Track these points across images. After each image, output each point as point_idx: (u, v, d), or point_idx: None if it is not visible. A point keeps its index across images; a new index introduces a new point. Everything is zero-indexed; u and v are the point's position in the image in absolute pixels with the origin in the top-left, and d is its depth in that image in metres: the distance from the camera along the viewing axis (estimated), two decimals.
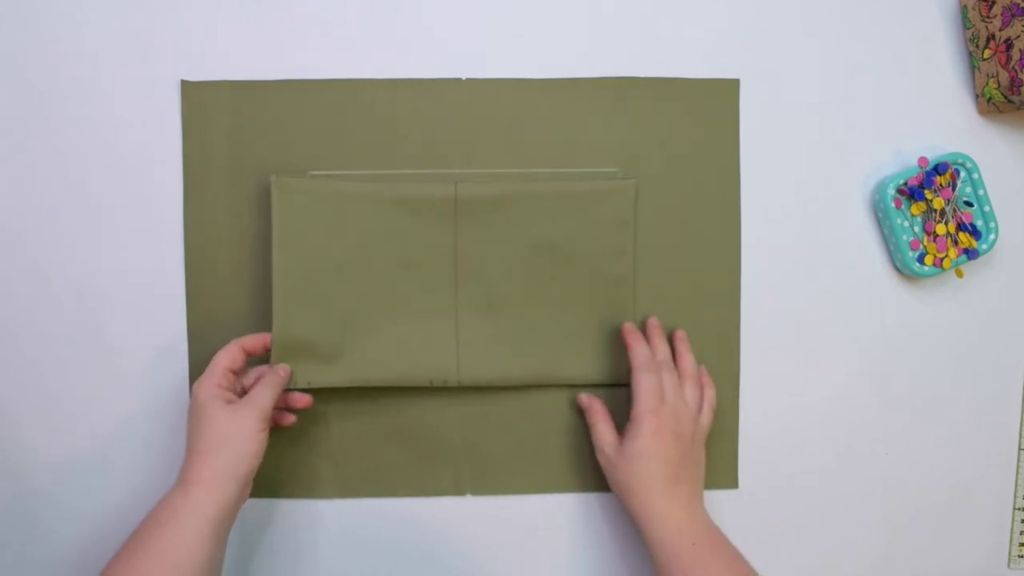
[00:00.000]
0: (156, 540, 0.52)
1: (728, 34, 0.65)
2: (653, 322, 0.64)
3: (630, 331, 0.62)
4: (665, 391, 0.59)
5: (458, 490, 0.65)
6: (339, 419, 0.64)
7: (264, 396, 0.57)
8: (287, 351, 0.61)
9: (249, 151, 0.64)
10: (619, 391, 0.64)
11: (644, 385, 0.59)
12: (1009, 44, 0.61)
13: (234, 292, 0.64)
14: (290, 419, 0.62)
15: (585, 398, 0.64)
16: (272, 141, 0.64)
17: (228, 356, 0.58)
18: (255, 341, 0.60)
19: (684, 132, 0.65)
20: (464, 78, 0.64)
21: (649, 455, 0.58)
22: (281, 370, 0.60)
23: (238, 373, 0.59)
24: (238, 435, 0.55)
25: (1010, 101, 0.62)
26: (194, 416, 0.56)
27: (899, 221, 0.64)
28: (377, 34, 0.64)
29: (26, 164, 0.63)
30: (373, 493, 0.65)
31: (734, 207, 0.65)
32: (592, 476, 0.65)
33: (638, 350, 0.60)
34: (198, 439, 0.55)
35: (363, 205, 0.62)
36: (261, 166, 0.64)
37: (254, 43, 0.64)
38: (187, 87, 0.63)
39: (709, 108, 0.65)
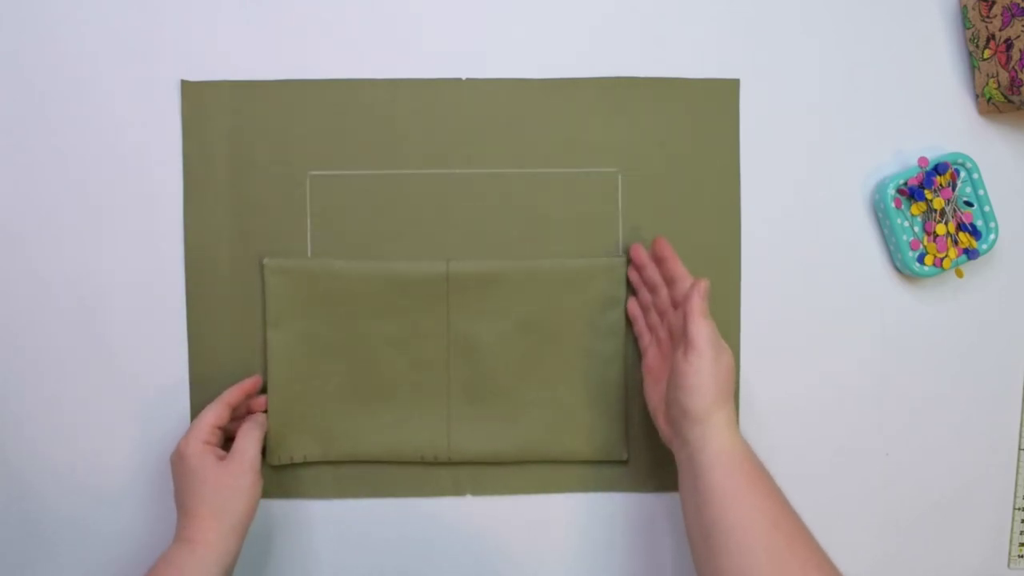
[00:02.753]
0: None
1: (728, 34, 0.65)
2: (663, 244, 0.62)
3: (646, 259, 0.63)
4: (714, 329, 0.57)
5: (458, 490, 0.65)
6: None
7: (252, 447, 0.58)
8: (281, 426, 0.63)
9: (249, 151, 0.64)
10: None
11: (703, 324, 0.55)
12: (1009, 44, 0.61)
13: (234, 292, 0.64)
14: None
15: (637, 307, 0.63)
16: (272, 141, 0.64)
17: (215, 414, 0.58)
18: (237, 394, 0.61)
19: (684, 132, 0.65)
20: (464, 78, 0.64)
21: (727, 361, 0.56)
22: (259, 416, 0.61)
23: (223, 428, 0.60)
24: (237, 494, 0.56)
25: (1010, 101, 0.62)
26: (186, 475, 0.56)
27: (899, 221, 0.64)
28: (377, 34, 0.64)
29: (26, 164, 0.63)
30: (373, 493, 0.65)
31: (734, 207, 0.65)
32: (592, 476, 0.65)
33: (682, 280, 0.59)
34: (193, 499, 0.55)
35: (355, 284, 0.63)
36: (261, 166, 0.64)
37: (254, 43, 0.64)
38: (187, 87, 0.63)
39: (709, 108, 0.65)
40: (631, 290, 0.65)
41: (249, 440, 0.58)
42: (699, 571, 0.53)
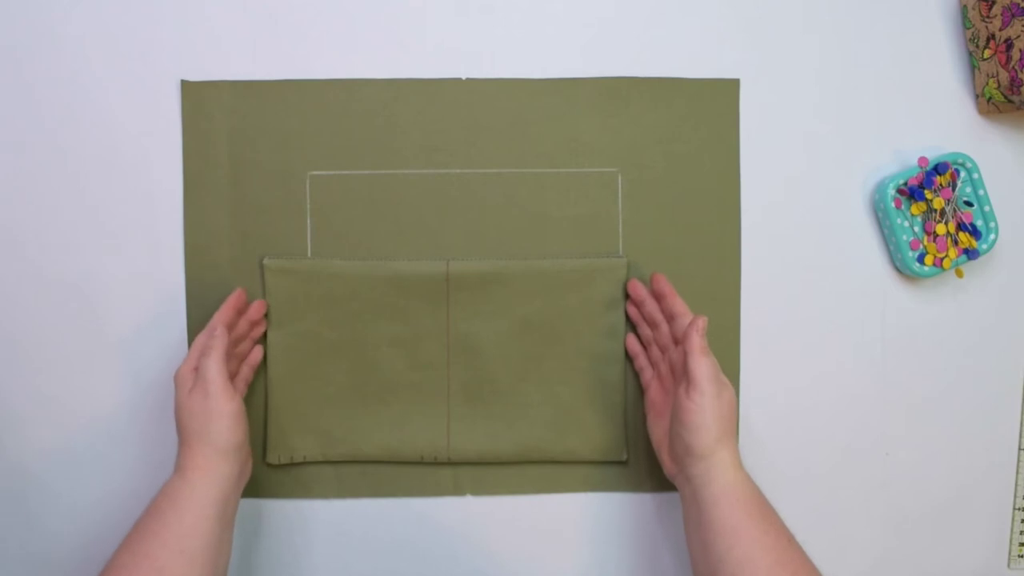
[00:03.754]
0: (160, 527, 0.52)
1: (728, 34, 0.65)
2: (661, 280, 0.62)
3: (646, 297, 0.63)
4: (716, 365, 0.57)
5: (458, 490, 0.65)
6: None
7: (209, 367, 0.55)
8: (281, 426, 0.63)
9: (249, 151, 0.64)
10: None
11: (703, 361, 0.56)
12: (1009, 44, 0.61)
13: None
14: (256, 355, 0.62)
15: (636, 343, 0.64)
16: (272, 141, 0.64)
17: (196, 349, 0.58)
18: (228, 313, 0.60)
19: (684, 132, 0.65)
20: (464, 78, 0.64)
21: (729, 398, 0.56)
22: (215, 328, 0.57)
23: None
24: (212, 418, 0.55)
25: (1010, 101, 0.62)
26: (175, 405, 0.57)
27: (899, 221, 0.64)
28: (377, 34, 0.64)
29: (27, 164, 0.63)
30: (373, 493, 0.65)
31: (734, 207, 0.65)
32: (592, 476, 0.65)
33: (682, 317, 0.60)
34: (180, 429, 0.56)
35: (355, 284, 0.63)
36: (261, 166, 0.64)
37: (254, 43, 0.64)
38: (187, 87, 0.63)
39: (709, 108, 0.65)
40: (631, 326, 0.65)
41: (205, 359, 0.56)
42: None
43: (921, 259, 0.64)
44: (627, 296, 0.64)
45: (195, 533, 0.52)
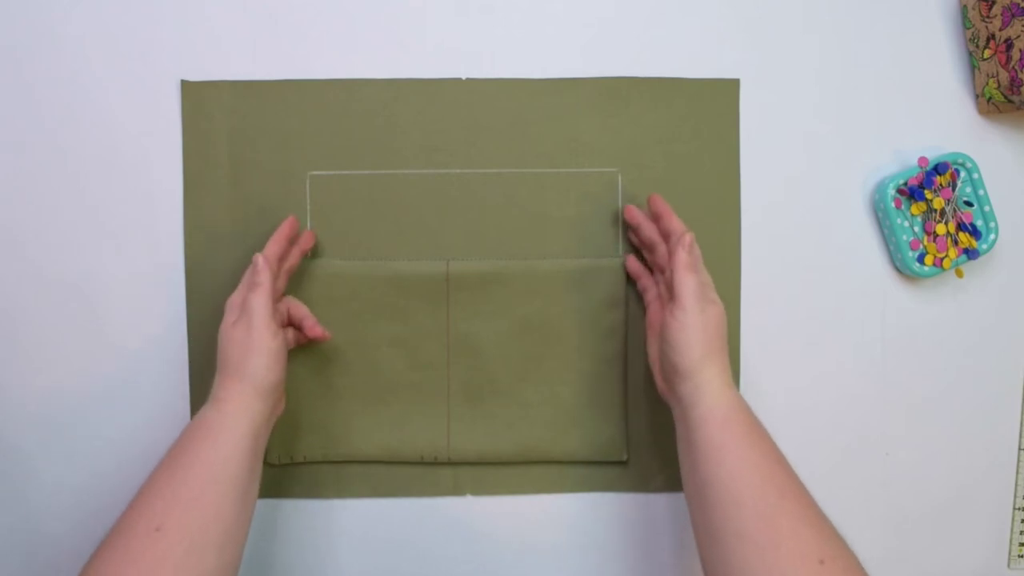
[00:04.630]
0: (194, 454, 0.52)
1: (728, 34, 0.65)
2: (658, 201, 0.61)
3: (642, 218, 0.62)
4: (705, 282, 0.57)
5: (458, 490, 0.65)
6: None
7: (255, 302, 0.56)
8: (282, 426, 0.62)
9: (249, 151, 0.64)
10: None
11: (689, 279, 0.55)
12: (1009, 44, 0.61)
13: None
14: (316, 331, 0.60)
15: (635, 262, 0.63)
16: (272, 141, 0.64)
17: (252, 272, 0.57)
18: (281, 244, 0.59)
19: (684, 132, 0.65)
20: (464, 78, 0.64)
21: (712, 328, 0.55)
22: (263, 262, 0.57)
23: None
24: (251, 353, 0.55)
25: (1010, 101, 0.62)
26: (220, 337, 0.56)
27: (899, 221, 0.64)
28: (377, 34, 0.64)
29: (26, 164, 0.63)
30: (373, 493, 0.65)
31: (734, 207, 0.65)
32: (592, 476, 0.65)
33: (675, 231, 0.59)
34: (221, 358, 0.56)
35: (355, 284, 0.63)
36: (261, 166, 0.64)
37: (254, 43, 0.64)
38: (187, 87, 0.63)
39: (709, 108, 0.65)
40: (631, 248, 0.64)
41: (255, 295, 0.56)
42: (694, 527, 0.53)
43: (921, 259, 0.64)
44: (627, 225, 0.64)
45: (227, 463, 0.52)
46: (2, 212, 0.63)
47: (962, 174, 0.64)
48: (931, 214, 0.64)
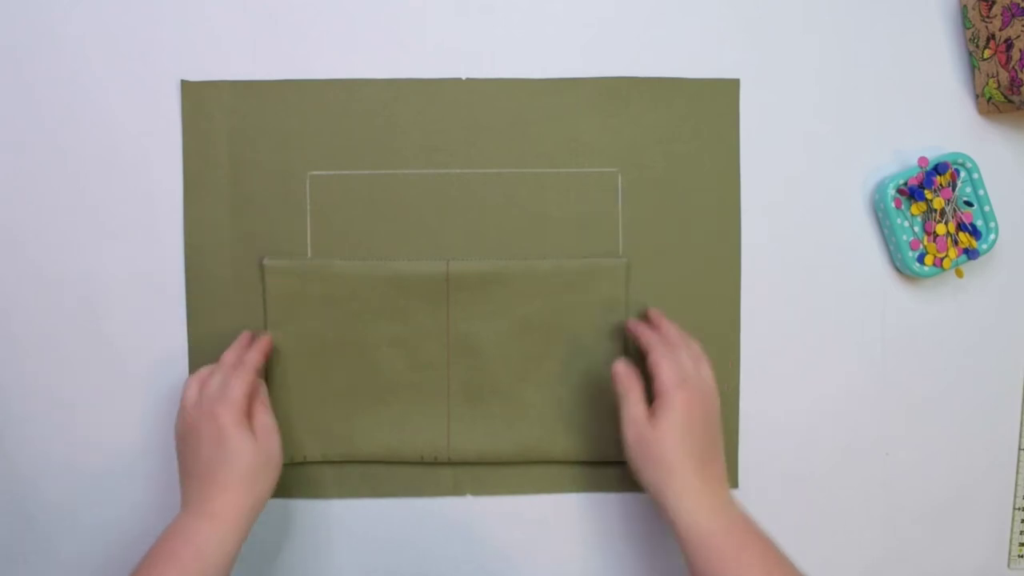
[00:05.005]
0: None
1: (728, 34, 0.65)
2: (654, 311, 0.63)
3: (634, 322, 0.62)
4: (685, 369, 0.57)
5: (458, 490, 0.65)
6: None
7: (272, 419, 0.57)
8: (281, 426, 0.62)
9: (249, 151, 0.64)
10: None
11: (664, 363, 0.56)
12: (1009, 44, 0.61)
13: (234, 292, 0.64)
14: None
15: (623, 365, 0.60)
16: (272, 141, 0.64)
17: (248, 384, 0.56)
18: (259, 359, 0.59)
19: (684, 132, 0.65)
20: (464, 78, 0.64)
21: (684, 429, 0.54)
22: (260, 383, 0.59)
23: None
24: (265, 470, 0.54)
25: (1010, 101, 0.62)
26: (214, 442, 0.54)
27: (899, 221, 0.64)
28: (377, 34, 0.64)
29: (27, 164, 0.63)
30: (373, 493, 0.65)
31: (734, 207, 0.65)
32: (592, 476, 0.65)
33: (647, 333, 0.59)
34: (221, 470, 0.53)
35: (355, 284, 0.63)
36: (261, 166, 0.64)
37: (254, 43, 0.64)
38: (187, 87, 0.63)
39: (709, 108, 0.65)
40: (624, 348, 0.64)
41: (270, 414, 0.57)
42: None
43: (921, 259, 0.64)
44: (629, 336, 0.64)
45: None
46: (2, 212, 0.63)
47: (962, 174, 0.64)
48: (931, 214, 0.64)
